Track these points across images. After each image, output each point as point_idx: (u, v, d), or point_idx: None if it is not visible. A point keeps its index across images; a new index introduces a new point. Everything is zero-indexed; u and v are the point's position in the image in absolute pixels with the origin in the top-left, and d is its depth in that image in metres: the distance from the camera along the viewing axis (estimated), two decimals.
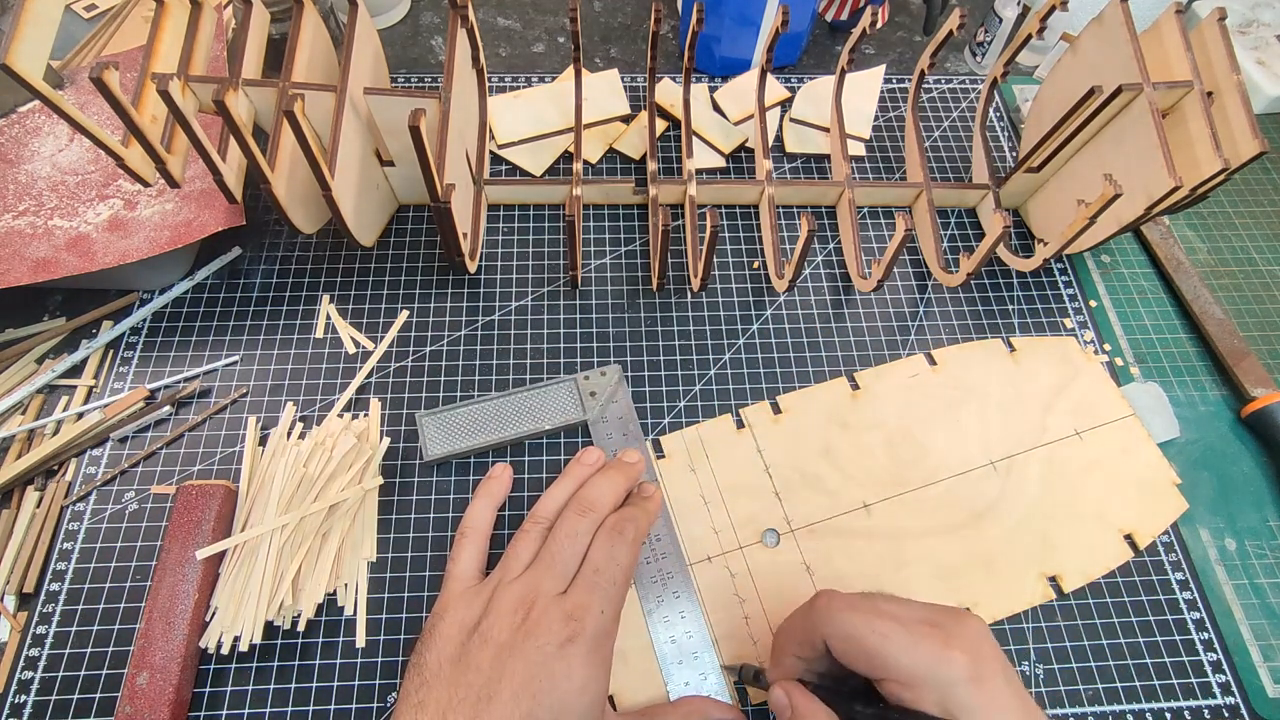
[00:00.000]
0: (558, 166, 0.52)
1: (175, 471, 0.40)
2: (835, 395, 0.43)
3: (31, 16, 0.30)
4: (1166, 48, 0.42)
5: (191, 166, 0.41)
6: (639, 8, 0.63)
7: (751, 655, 0.36)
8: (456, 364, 0.44)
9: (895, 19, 0.64)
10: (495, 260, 0.48)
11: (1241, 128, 0.39)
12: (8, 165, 0.44)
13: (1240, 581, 0.40)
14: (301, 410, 0.42)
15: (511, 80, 0.56)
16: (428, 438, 0.40)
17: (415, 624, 0.37)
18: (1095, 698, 0.37)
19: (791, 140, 0.54)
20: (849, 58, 0.49)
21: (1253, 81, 0.57)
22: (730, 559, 0.38)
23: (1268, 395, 0.44)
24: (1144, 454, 0.42)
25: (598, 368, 0.43)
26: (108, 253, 0.40)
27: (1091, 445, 0.42)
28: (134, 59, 0.48)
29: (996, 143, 0.55)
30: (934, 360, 0.45)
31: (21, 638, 0.36)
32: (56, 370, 0.42)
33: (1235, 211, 0.54)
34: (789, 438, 0.42)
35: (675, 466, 0.41)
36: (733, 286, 0.48)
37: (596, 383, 0.41)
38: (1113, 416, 0.43)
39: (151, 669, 0.33)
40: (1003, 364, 0.45)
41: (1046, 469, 0.41)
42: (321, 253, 0.47)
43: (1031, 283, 0.49)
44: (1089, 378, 0.44)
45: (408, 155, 0.39)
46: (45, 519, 0.38)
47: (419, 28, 0.61)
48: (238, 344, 0.44)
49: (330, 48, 0.43)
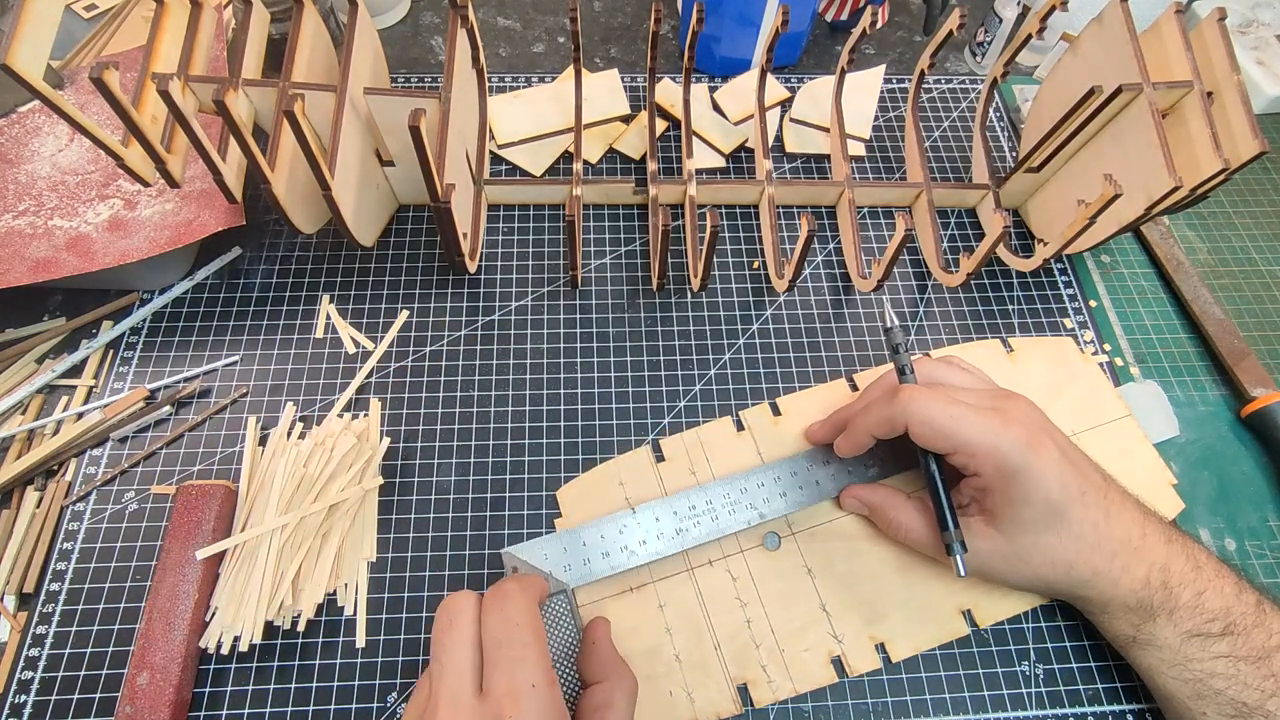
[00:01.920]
0: (558, 166, 0.52)
1: (175, 471, 0.40)
2: (835, 397, 0.43)
3: (31, 16, 0.30)
4: (1166, 48, 0.42)
5: (191, 166, 0.41)
6: (639, 8, 0.63)
7: (754, 660, 0.36)
8: (456, 364, 0.44)
9: (895, 19, 0.64)
10: (495, 260, 0.48)
11: (1241, 128, 0.39)
12: (8, 165, 0.44)
13: None
14: (301, 410, 0.42)
15: (511, 80, 0.56)
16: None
17: (415, 624, 0.37)
18: (1095, 698, 0.37)
19: (791, 140, 0.54)
20: (849, 58, 0.49)
21: (1253, 81, 0.57)
22: (731, 562, 0.38)
23: (1268, 395, 0.44)
24: (1141, 455, 0.42)
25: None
26: (108, 253, 0.40)
27: (1089, 446, 0.42)
28: (134, 59, 0.48)
29: (996, 143, 0.55)
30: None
31: (21, 638, 0.36)
32: (56, 370, 0.42)
33: (1235, 211, 0.54)
34: (789, 439, 0.42)
35: (676, 470, 0.41)
36: (733, 286, 0.48)
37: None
38: (1110, 417, 0.43)
39: (152, 669, 0.33)
40: (1000, 365, 0.45)
41: None
42: (321, 253, 0.47)
43: (1031, 283, 0.49)
44: (1086, 378, 0.44)
45: (408, 155, 0.39)
46: (45, 519, 0.38)
47: (419, 28, 0.61)
48: (238, 344, 0.44)
49: (330, 48, 0.43)
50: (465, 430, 0.42)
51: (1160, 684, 0.33)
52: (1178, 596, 0.32)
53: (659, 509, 0.37)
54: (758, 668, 0.36)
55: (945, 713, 0.36)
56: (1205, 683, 0.31)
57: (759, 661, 0.36)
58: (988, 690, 0.37)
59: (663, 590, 0.37)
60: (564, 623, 0.34)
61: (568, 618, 0.34)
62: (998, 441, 0.31)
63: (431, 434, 0.42)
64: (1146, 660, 0.33)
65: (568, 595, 0.35)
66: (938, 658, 0.37)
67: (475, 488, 0.40)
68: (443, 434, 0.42)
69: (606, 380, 0.44)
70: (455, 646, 0.28)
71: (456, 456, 0.41)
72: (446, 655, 0.28)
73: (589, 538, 0.36)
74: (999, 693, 0.37)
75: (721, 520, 0.37)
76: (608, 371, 0.44)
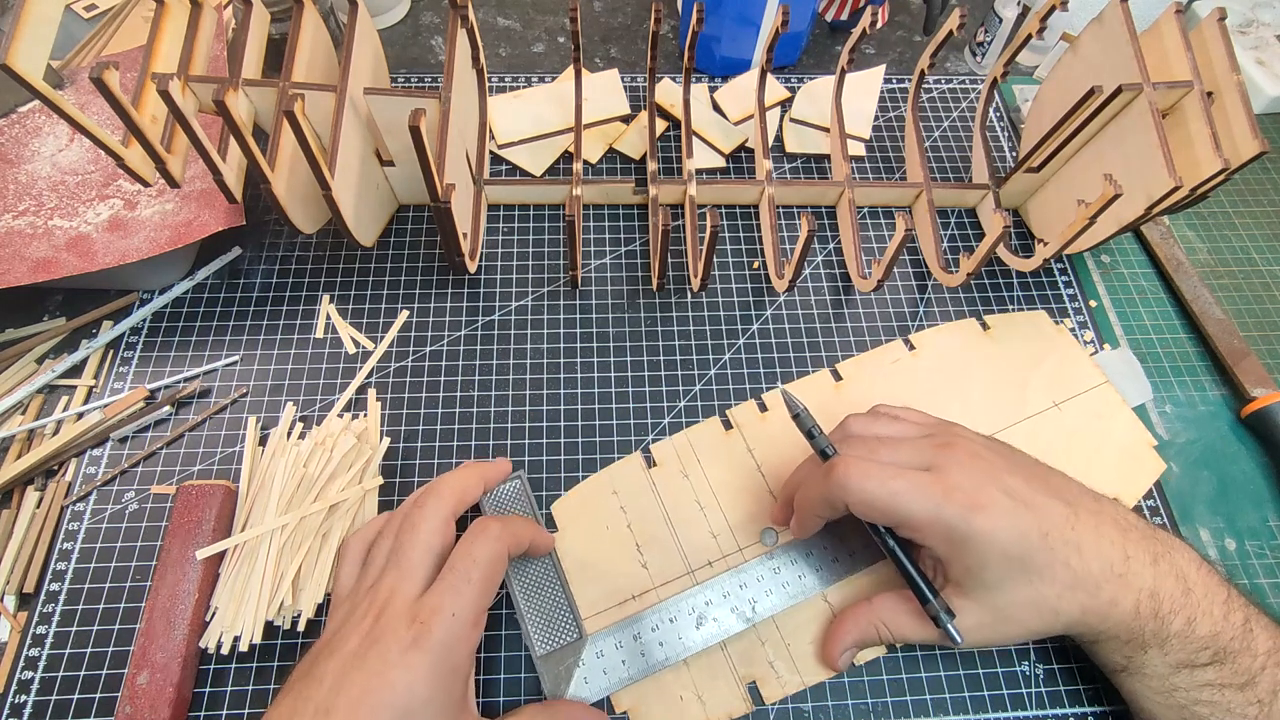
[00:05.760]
0: (558, 166, 0.52)
1: (175, 471, 0.40)
2: (819, 387, 0.44)
3: (31, 16, 0.30)
4: (1166, 48, 0.42)
5: (191, 166, 0.41)
6: (639, 8, 0.63)
7: (761, 658, 0.36)
8: (456, 364, 0.44)
9: (895, 19, 0.64)
10: (495, 260, 0.48)
11: (1241, 128, 0.39)
12: (8, 165, 0.44)
13: (1240, 581, 0.40)
14: (301, 410, 0.42)
15: (511, 80, 0.56)
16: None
17: None
18: (1095, 697, 0.37)
19: (791, 140, 0.54)
20: (849, 58, 0.49)
21: (1253, 81, 0.57)
22: (730, 562, 0.38)
23: (1268, 395, 0.44)
24: (1120, 419, 0.43)
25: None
26: (108, 253, 0.40)
27: (1069, 415, 0.43)
28: (134, 59, 0.48)
29: (996, 143, 0.55)
30: (912, 345, 0.45)
31: (21, 638, 0.36)
32: (56, 370, 0.42)
33: (1235, 211, 0.54)
34: (777, 434, 0.42)
35: (668, 474, 0.41)
36: (733, 286, 0.48)
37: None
38: (1087, 385, 0.44)
39: (152, 669, 0.33)
40: (979, 342, 0.45)
41: (1029, 443, 0.41)
42: (321, 253, 0.47)
43: (1031, 283, 0.49)
44: (1062, 349, 0.45)
45: (408, 155, 0.39)
46: (45, 519, 0.38)
47: (419, 28, 0.61)
48: (238, 344, 0.44)
49: (330, 48, 0.43)
50: (465, 430, 0.42)
51: (1145, 708, 0.32)
52: (1169, 625, 0.30)
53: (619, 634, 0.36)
54: (765, 665, 0.36)
55: (945, 713, 0.36)
56: (1190, 709, 0.31)
57: (766, 658, 0.36)
58: (988, 690, 0.37)
59: (665, 595, 0.37)
60: (545, 572, 0.37)
61: (551, 571, 0.37)
62: (939, 514, 0.30)
63: (431, 434, 0.42)
64: (1133, 686, 0.32)
65: (554, 559, 0.37)
66: (938, 658, 0.37)
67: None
68: (443, 434, 0.42)
69: (606, 380, 0.44)
70: (416, 545, 0.31)
71: (456, 456, 0.41)
72: (408, 546, 0.31)
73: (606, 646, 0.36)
74: (999, 693, 0.37)
75: (686, 639, 0.35)
76: (608, 371, 0.44)
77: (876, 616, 0.34)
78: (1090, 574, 0.31)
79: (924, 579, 0.33)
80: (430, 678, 0.27)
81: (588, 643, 0.35)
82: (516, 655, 0.36)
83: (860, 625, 0.35)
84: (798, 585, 0.37)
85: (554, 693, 0.34)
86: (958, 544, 0.31)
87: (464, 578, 0.30)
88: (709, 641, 0.35)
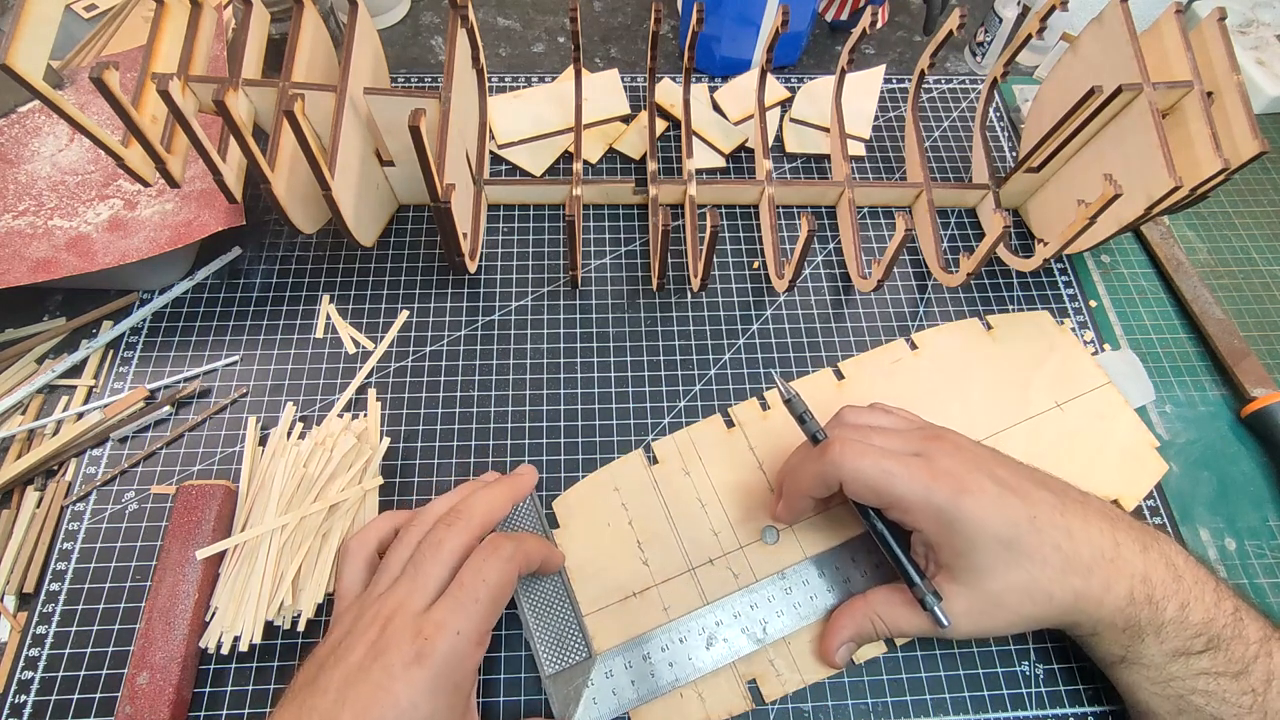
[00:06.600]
0: (558, 166, 0.52)
1: (175, 471, 0.40)
2: (821, 386, 0.44)
3: (31, 16, 0.30)
4: (1166, 48, 0.42)
5: (191, 166, 0.41)
6: (639, 8, 0.63)
7: (761, 656, 0.36)
8: (456, 364, 0.44)
9: (895, 19, 0.64)
10: (495, 260, 0.48)
11: (1241, 128, 0.39)
12: (8, 165, 0.44)
13: (1240, 581, 0.40)
14: (301, 410, 0.42)
15: (511, 80, 0.56)
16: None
17: None
18: (1095, 697, 0.37)
19: (791, 140, 0.54)
20: (849, 58, 0.49)
21: (1253, 81, 0.57)
22: (732, 559, 0.38)
23: (1268, 395, 0.44)
24: (1122, 420, 0.43)
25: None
26: (108, 253, 0.40)
27: (1072, 416, 0.43)
28: (134, 59, 0.48)
29: (996, 143, 0.55)
30: (915, 344, 0.45)
31: (21, 638, 0.36)
32: (56, 370, 0.42)
33: (1235, 211, 0.54)
34: (779, 433, 0.42)
35: (669, 471, 0.41)
36: (733, 286, 0.48)
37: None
38: (1090, 386, 0.44)
39: (152, 669, 0.33)
40: (981, 342, 0.45)
41: (1031, 443, 0.42)
42: (321, 253, 0.47)
43: (1031, 283, 0.49)
44: (1064, 349, 0.45)
45: (408, 155, 0.39)
46: (45, 519, 0.38)
47: (419, 28, 0.61)
48: (238, 344, 0.44)
49: (330, 48, 0.43)
50: (465, 430, 0.42)
51: (1141, 699, 0.32)
52: (1164, 611, 0.31)
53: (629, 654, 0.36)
54: (765, 662, 0.36)
55: (945, 713, 0.36)
56: (1186, 699, 0.31)
57: (766, 656, 0.36)
58: (988, 690, 0.37)
59: (666, 592, 0.37)
60: (554, 591, 0.37)
61: (560, 590, 0.37)
62: (929, 496, 0.31)
63: (431, 434, 0.42)
64: (1129, 678, 0.33)
65: (563, 577, 0.37)
66: (938, 657, 0.37)
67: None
68: (443, 434, 0.42)
69: (606, 380, 0.44)
70: (437, 563, 0.31)
71: (456, 456, 0.41)
72: (428, 563, 0.31)
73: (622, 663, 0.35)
74: (999, 693, 0.37)
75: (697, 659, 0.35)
76: (608, 371, 0.44)
77: (871, 610, 0.35)
78: (1081, 558, 0.31)
79: (913, 564, 0.34)
80: (432, 694, 0.28)
81: (596, 662, 0.35)
82: (517, 678, 0.36)
83: (856, 620, 0.35)
84: (809, 605, 0.37)
85: (562, 714, 0.34)
86: (946, 526, 0.31)
87: (472, 596, 0.30)
88: (719, 663, 0.35)
